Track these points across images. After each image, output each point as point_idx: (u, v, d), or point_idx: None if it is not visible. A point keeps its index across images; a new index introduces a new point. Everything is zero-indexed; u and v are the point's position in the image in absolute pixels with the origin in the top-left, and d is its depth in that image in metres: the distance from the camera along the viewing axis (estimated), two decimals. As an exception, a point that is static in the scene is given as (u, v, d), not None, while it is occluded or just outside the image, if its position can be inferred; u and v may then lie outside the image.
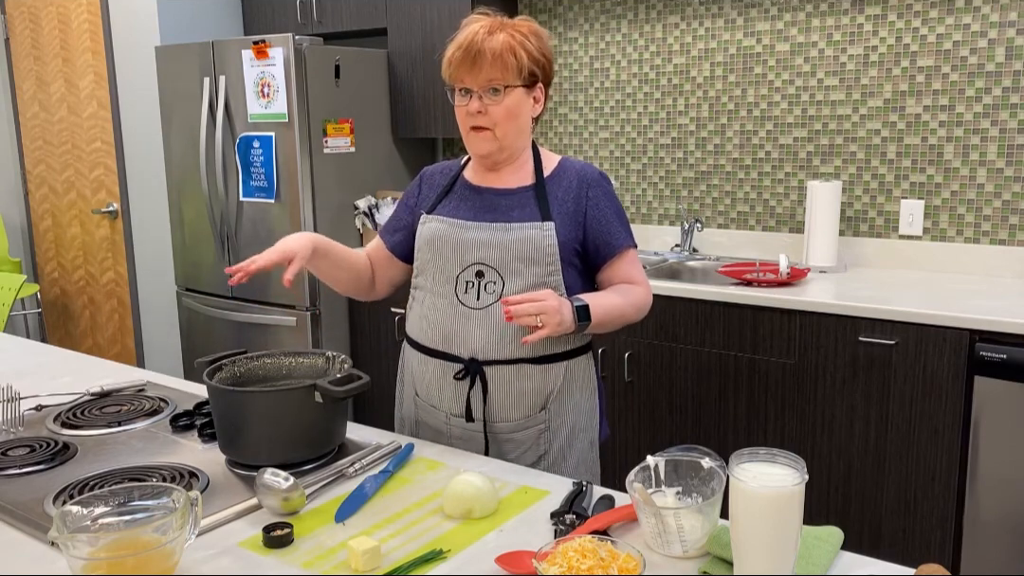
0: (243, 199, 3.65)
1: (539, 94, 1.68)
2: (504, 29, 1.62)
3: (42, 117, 4.79)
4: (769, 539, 1.05)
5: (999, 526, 2.35)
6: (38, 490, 1.41)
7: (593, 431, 1.77)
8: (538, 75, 1.66)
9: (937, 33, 2.86)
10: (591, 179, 1.70)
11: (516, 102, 1.64)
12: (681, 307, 2.81)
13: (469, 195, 1.72)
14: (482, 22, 1.64)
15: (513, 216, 1.66)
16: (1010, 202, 2.81)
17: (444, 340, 1.67)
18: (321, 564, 1.20)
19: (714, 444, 2.78)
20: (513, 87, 1.62)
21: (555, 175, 1.71)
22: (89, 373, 2.10)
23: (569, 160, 1.75)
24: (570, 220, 1.66)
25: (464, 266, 1.65)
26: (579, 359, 1.72)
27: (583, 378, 1.73)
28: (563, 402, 1.69)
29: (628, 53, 3.50)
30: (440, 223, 1.70)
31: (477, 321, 1.64)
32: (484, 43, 1.59)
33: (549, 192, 1.68)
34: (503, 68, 1.60)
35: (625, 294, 1.68)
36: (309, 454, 1.50)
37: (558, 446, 1.69)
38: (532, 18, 1.70)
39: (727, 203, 3.36)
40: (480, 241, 1.65)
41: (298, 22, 4.05)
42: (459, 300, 1.65)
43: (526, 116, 1.68)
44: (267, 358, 1.69)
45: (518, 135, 1.68)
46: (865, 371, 2.51)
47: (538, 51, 1.65)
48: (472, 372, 1.65)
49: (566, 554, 1.08)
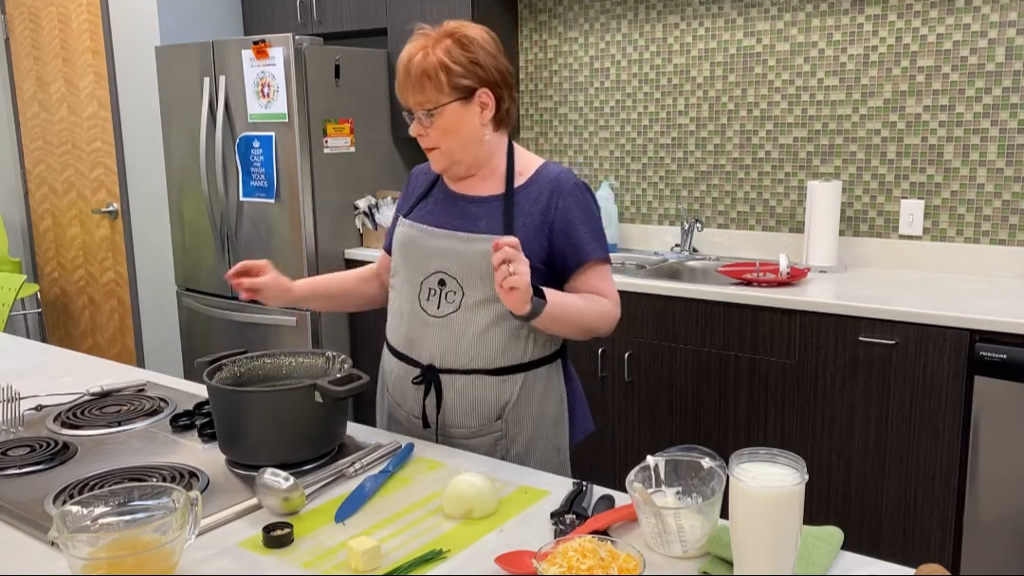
0: (243, 199, 3.65)
1: (486, 98, 1.63)
2: (430, 47, 1.60)
3: (42, 117, 4.79)
4: (769, 539, 1.05)
5: (999, 526, 2.35)
6: (38, 490, 1.41)
7: (559, 438, 1.75)
8: (472, 84, 1.61)
9: (937, 33, 2.86)
10: (564, 188, 1.66)
11: (451, 119, 1.62)
12: (681, 307, 2.81)
13: (444, 200, 1.74)
14: (417, 41, 1.63)
15: (479, 226, 1.66)
16: (1010, 202, 2.81)
17: (408, 344, 1.70)
18: (321, 564, 1.20)
19: (714, 444, 2.78)
20: (442, 106, 1.61)
21: (527, 184, 1.69)
22: (89, 373, 2.10)
23: (549, 167, 1.71)
24: (535, 232, 1.64)
25: (427, 274, 1.67)
26: (539, 370, 1.70)
27: (544, 388, 1.71)
28: (520, 412, 1.68)
29: (628, 53, 3.50)
30: (410, 228, 1.73)
31: (436, 329, 1.66)
32: (409, 67, 1.61)
33: (517, 203, 1.66)
34: (424, 91, 1.60)
35: (588, 299, 1.65)
36: (309, 454, 1.50)
37: (515, 453, 1.69)
38: (476, 24, 1.67)
39: (727, 203, 3.36)
40: (444, 250, 1.66)
41: (298, 22, 4.05)
42: (421, 307, 1.68)
43: (470, 128, 1.64)
44: (267, 358, 1.69)
45: (466, 148, 1.66)
46: (865, 371, 2.51)
47: (466, 62, 1.60)
48: (428, 379, 1.67)
49: (566, 554, 1.08)
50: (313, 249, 3.57)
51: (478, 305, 1.63)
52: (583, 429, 1.82)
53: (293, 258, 3.54)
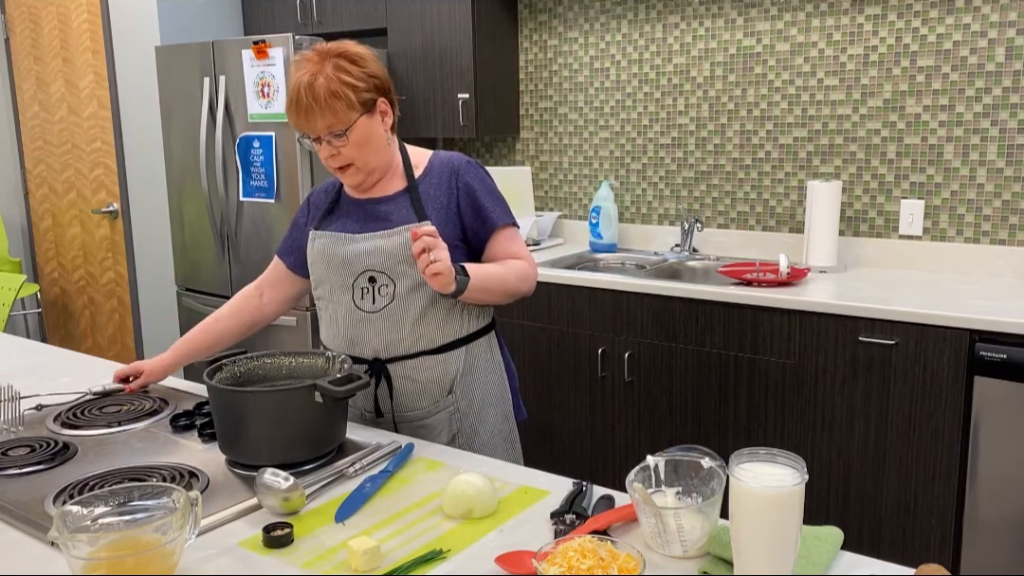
0: (243, 199, 3.65)
1: (384, 107, 1.71)
2: (324, 67, 1.63)
3: (42, 117, 4.79)
4: (769, 539, 1.05)
5: (999, 526, 2.35)
6: (38, 490, 1.41)
7: (505, 405, 1.86)
8: (373, 96, 1.68)
9: (937, 33, 2.86)
10: (458, 167, 1.77)
11: (362, 132, 1.68)
12: (681, 307, 2.81)
13: (352, 209, 1.80)
14: (303, 69, 1.64)
15: (393, 221, 1.73)
16: (1010, 202, 2.81)
17: (348, 344, 1.76)
18: (321, 564, 1.20)
19: (714, 444, 2.78)
20: (353, 122, 1.65)
21: (426, 173, 1.78)
22: (89, 373, 2.10)
23: (439, 154, 1.81)
24: (445, 212, 1.73)
25: (356, 275, 1.73)
26: (479, 341, 1.80)
27: (486, 358, 1.82)
28: (469, 383, 1.78)
29: (628, 53, 3.50)
30: (328, 238, 1.77)
31: (376, 323, 1.72)
32: (308, 94, 1.62)
33: (422, 192, 1.75)
34: (335, 112, 1.64)
35: (506, 265, 1.75)
36: (309, 454, 1.50)
37: (469, 424, 1.78)
38: (346, 40, 1.72)
39: (727, 203, 3.36)
40: (366, 250, 1.72)
41: (298, 22, 4.05)
42: (357, 306, 1.73)
43: (378, 137, 1.71)
44: (267, 358, 1.69)
45: (379, 156, 1.73)
46: (865, 371, 2.51)
47: (363, 76, 1.66)
48: (376, 371, 1.73)
49: (566, 554, 1.08)
50: (313, 249, 3.56)
51: (411, 292, 1.70)
52: (520, 415, 1.92)
53: (293, 258, 3.54)
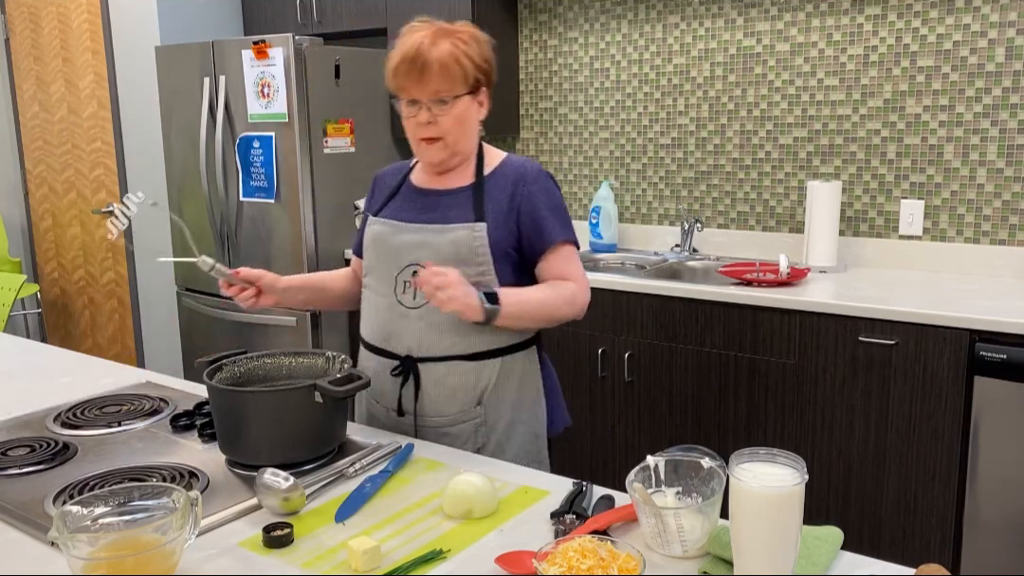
0: (243, 199, 3.65)
1: (483, 98, 1.71)
2: (447, 37, 1.63)
3: (42, 117, 4.79)
4: (769, 539, 1.05)
5: (999, 526, 2.35)
6: (38, 490, 1.41)
7: (537, 424, 1.78)
8: (482, 81, 1.68)
9: (937, 33, 2.86)
10: (528, 175, 1.72)
11: (464, 110, 1.67)
12: (681, 307, 2.81)
13: (412, 196, 1.77)
14: (424, 31, 1.64)
15: (450, 216, 1.70)
16: (1010, 202, 2.81)
17: (385, 339, 1.72)
18: (321, 564, 1.20)
19: (714, 444, 2.78)
20: (460, 96, 1.65)
21: (495, 173, 1.74)
22: (89, 373, 2.10)
23: (512, 158, 1.77)
24: (504, 218, 1.68)
25: (401, 267, 1.70)
26: (516, 355, 1.73)
27: (522, 372, 1.75)
28: (499, 397, 1.71)
29: (628, 53, 3.50)
30: (382, 225, 1.75)
31: (413, 319, 1.68)
32: (429, 53, 1.60)
33: (487, 192, 1.71)
34: (449, 78, 1.62)
35: (552, 287, 1.69)
36: (309, 454, 1.50)
37: (495, 440, 1.72)
38: (472, 24, 1.72)
39: (727, 203, 3.36)
40: (415, 242, 1.69)
41: (298, 22, 4.05)
42: (397, 299, 1.70)
43: (473, 122, 1.71)
44: (267, 358, 1.69)
45: (468, 140, 1.72)
46: (865, 371, 2.51)
47: (480, 57, 1.66)
48: (407, 369, 1.69)
49: (566, 554, 1.08)
50: (313, 249, 3.57)
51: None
52: (561, 421, 1.85)
53: (293, 258, 3.54)
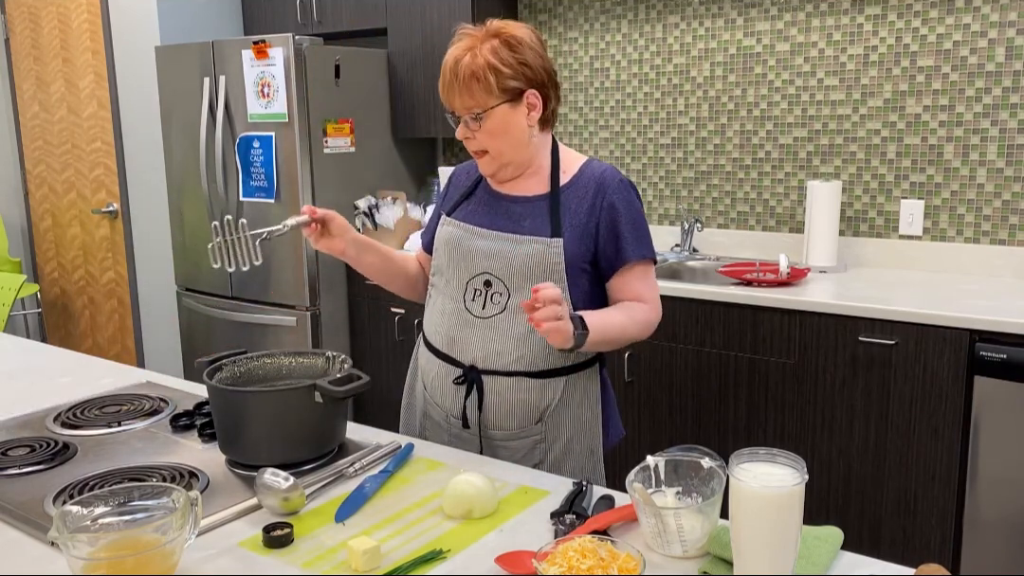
0: (243, 199, 3.65)
1: (534, 100, 1.62)
2: (479, 46, 1.58)
3: (42, 117, 4.79)
4: (769, 539, 1.05)
5: (999, 526, 2.35)
6: (38, 490, 1.41)
7: (593, 440, 1.75)
8: (520, 86, 1.60)
9: (937, 33, 2.86)
10: (608, 184, 1.65)
11: (499, 121, 1.60)
12: (681, 307, 2.81)
13: (487, 199, 1.72)
14: (460, 43, 1.61)
15: (525, 227, 1.64)
16: (1010, 202, 2.81)
17: (449, 344, 1.68)
18: (321, 564, 1.20)
19: (714, 444, 2.78)
20: (491, 108, 1.59)
21: (573, 182, 1.67)
22: (89, 373, 2.10)
23: (592, 164, 1.70)
24: (581, 231, 1.63)
25: (473, 274, 1.66)
26: (580, 374, 1.69)
27: (583, 392, 1.71)
28: (561, 415, 1.68)
29: (628, 53, 3.50)
30: (456, 228, 1.71)
31: (480, 330, 1.64)
32: (453, 71, 1.58)
33: (563, 203, 1.65)
34: (472, 94, 1.58)
35: (628, 311, 1.64)
36: (309, 454, 1.50)
37: (553, 457, 1.69)
38: (519, 22, 1.65)
39: (727, 203, 3.36)
40: (489, 251, 1.64)
41: (298, 22, 4.05)
42: (466, 307, 1.66)
43: (518, 130, 1.63)
44: (267, 358, 1.69)
45: (516, 150, 1.65)
46: (865, 371, 2.51)
47: (513, 63, 1.58)
48: (470, 380, 1.65)
49: (566, 554, 1.08)
50: (313, 249, 3.57)
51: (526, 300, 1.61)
52: (616, 433, 1.82)
53: (293, 258, 3.54)
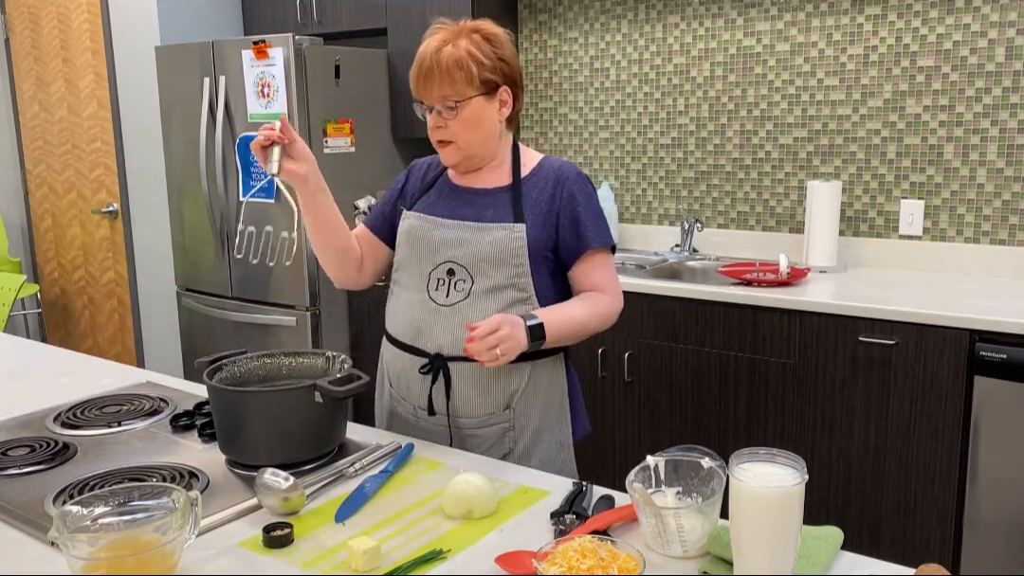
0: (243, 199, 3.65)
1: (505, 96, 1.68)
2: (457, 39, 1.62)
3: (42, 117, 4.79)
4: (769, 539, 1.05)
5: (999, 526, 2.35)
6: (38, 490, 1.41)
7: (563, 433, 1.77)
8: (497, 80, 1.65)
9: (937, 33, 2.86)
10: (567, 176, 1.71)
11: (474, 113, 1.64)
12: (681, 307, 2.81)
13: (448, 192, 1.75)
14: (437, 35, 1.64)
15: (487, 216, 1.68)
16: (1010, 202, 2.81)
17: (415, 335, 1.71)
18: (321, 564, 1.20)
19: (714, 444, 2.78)
20: (468, 99, 1.63)
21: (533, 175, 1.72)
22: (89, 373, 2.10)
23: (549, 159, 1.76)
24: (543, 221, 1.68)
25: (436, 264, 1.69)
26: (546, 360, 1.72)
27: (550, 379, 1.74)
28: (528, 402, 1.70)
29: (628, 53, 3.50)
30: (417, 219, 1.73)
31: (445, 317, 1.67)
32: (433, 59, 1.61)
33: (525, 193, 1.70)
34: (452, 83, 1.61)
35: (589, 304, 1.68)
36: (309, 454, 1.50)
37: (522, 446, 1.71)
38: (490, 20, 1.70)
39: (727, 203, 3.36)
40: (452, 240, 1.67)
41: (298, 22, 4.05)
42: (430, 296, 1.69)
43: (489, 123, 1.67)
44: (267, 358, 1.69)
45: (483, 143, 1.69)
46: (865, 371, 2.51)
47: (493, 56, 1.64)
48: (436, 367, 1.68)
49: (566, 554, 1.08)
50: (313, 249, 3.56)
51: (488, 293, 1.65)
52: (582, 428, 1.83)
53: (293, 258, 3.54)
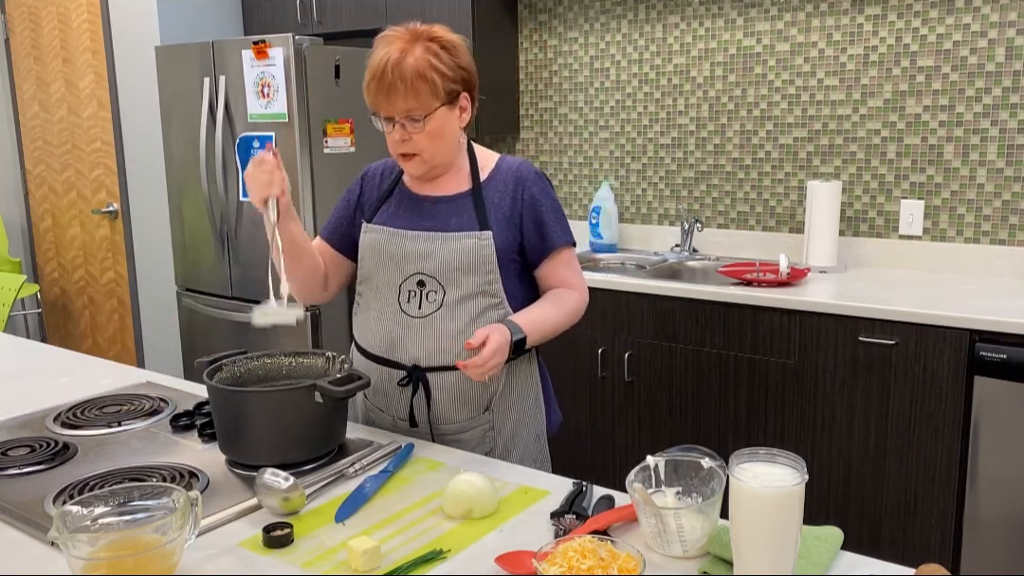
0: (243, 199, 3.64)
1: (465, 103, 1.65)
2: (415, 47, 1.57)
3: (42, 117, 4.79)
4: (769, 539, 1.05)
5: (999, 526, 2.35)
6: (38, 490, 1.41)
7: (538, 425, 1.80)
8: (458, 89, 1.62)
9: (937, 33, 2.86)
10: (526, 177, 1.70)
11: (438, 124, 1.61)
12: (681, 307, 2.81)
13: (407, 202, 1.73)
14: (392, 45, 1.58)
15: (451, 224, 1.67)
16: (1010, 202, 2.81)
17: (389, 348, 1.70)
18: (321, 564, 1.20)
19: (714, 444, 2.78)
20: (434, 111, 1.59)
21: (492, 178, 1.71)
22: (89, 373, 2.10)
23: (506, 159, 1.75)
24: (507, 224, 1.67)
25: (405, 276, 1.67)
26: (520, 359, 1.73)
27: (526, 375, 1.76)
28: (506, 401, 1.72)
29: (628, 53, 3.50)
30: (380, 233, 1.71)
31: (419, 329, 1.66)
32: (395, 72, 1.55)
33: (486, 197, 1.69)
34: (417, 95, 1.57)
35: (560, 303, 1.70)
36: (309, 454, 1.50)
37: (503, 443, 1.73)
38: (443, 26, 1.64)
39: (727, 203, 3.36)
40: (419, 252, 1.66)
41: (298, 22, 4.05)
42: (402, 309, 1.68)
43: (453, 132, 1.65)
44: (267, 358, 1.69)
45: (448, 152, 1.68)
46: (865, 371, 2.51)
47: (453, 65, 1.60)
48: (415, 379, 1.67)
49: (566, 554, 1.08)
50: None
51: (460, 301, 1.65)
52: (556, 419, 1.86)
53: (293, 258, 3.54)
